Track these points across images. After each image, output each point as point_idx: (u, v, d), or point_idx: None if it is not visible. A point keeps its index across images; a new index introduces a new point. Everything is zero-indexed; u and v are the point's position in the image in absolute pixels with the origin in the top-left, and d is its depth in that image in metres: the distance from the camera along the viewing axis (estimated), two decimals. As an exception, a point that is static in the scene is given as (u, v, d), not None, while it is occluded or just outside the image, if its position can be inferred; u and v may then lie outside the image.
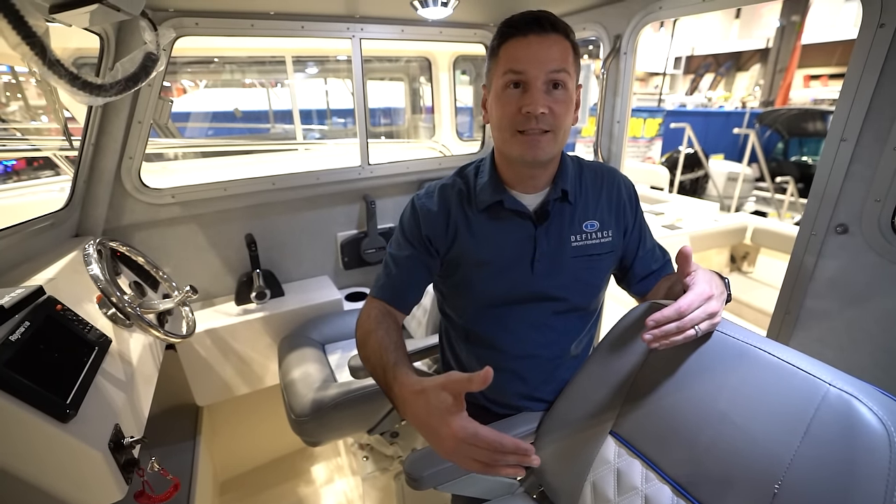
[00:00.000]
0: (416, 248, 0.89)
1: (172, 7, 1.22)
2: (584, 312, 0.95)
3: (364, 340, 0.82)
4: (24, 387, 0.65)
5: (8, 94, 4.35)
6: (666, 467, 0.69)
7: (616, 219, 0.90)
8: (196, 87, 5.70)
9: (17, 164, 3.91)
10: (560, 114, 0.75)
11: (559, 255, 0.87)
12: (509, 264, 0.87)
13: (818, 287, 0.91)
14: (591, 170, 0.92)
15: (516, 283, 0.88)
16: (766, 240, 3.01)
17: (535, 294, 0.89)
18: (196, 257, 1.64)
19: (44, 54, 0.52)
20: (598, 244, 0.89)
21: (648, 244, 0.95)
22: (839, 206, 0.85)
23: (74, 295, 0.94)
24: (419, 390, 0.62)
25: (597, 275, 0.91)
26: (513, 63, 0.74)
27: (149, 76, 0.71)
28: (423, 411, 0.60)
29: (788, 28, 9.83)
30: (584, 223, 0.88)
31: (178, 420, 1.59)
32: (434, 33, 1.67)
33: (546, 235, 0.86)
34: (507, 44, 0.75)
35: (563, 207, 0.87)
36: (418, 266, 0.89)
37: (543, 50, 0.72)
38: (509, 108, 0.75)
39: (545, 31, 0.73)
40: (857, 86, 0.78)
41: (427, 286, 0.93)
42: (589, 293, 0.93)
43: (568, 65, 0.75)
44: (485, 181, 0.87)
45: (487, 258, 0.87)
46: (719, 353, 0.68)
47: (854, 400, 0.52)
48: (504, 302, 0.90)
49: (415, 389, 0.63)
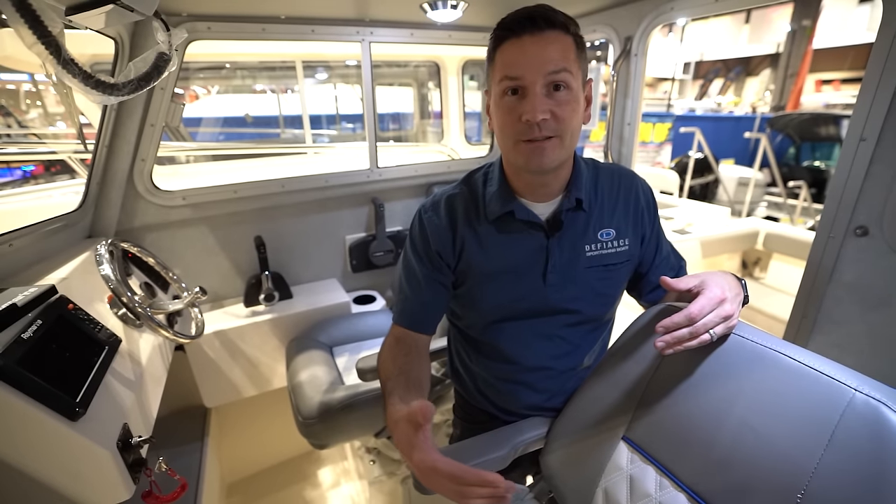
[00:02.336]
0: (428, 267, 0.85)
1: (185, 11, 1.24)
2: (598, 324, 0.91)
3: (386, 362, 0.85)
4: (34, 384, 0.66)
5: (28, 101, 4.46)
6: (681, 474, 0.67)
7: (633, 227, 0.85)
8: (208, 94, 5.80)
9: (36, 169, 4.00)
10: (564, 117, 0.69)
11: (573, 265, 0.83)
12: (520, 276, 0.83)
13: (836, 291, 0.89)
14: (607, 174, 0.86)
15: (528, 295, 0.84)
16: (779, 245, 2.96)
17: (547, 307, 0.85)
18: (206, 259, 1.65)
19: (59, 53, 0.52)
20: (615, 253, 0.84)
21: (664, 252, 0.91)
22: (858, 208, 0.82)
23: (86, 295, 0.95)
24: (395, 421, 0.67)
25: (612, 285, 0.87)
26: (508, 69, 0.69)
27: (161, 76, 0.72)
28: (398, 441, 0.65)
29: (799, 32, 9.73)
30: (600, 232, 0.83)
31: (186, 421, 1.59)
32: (443, 37, 1.68)
33: (559, 246, 0.82)
34: (502, 47, 0.70)
35: (578, 216, 0.82)
36: (434, 284, 0.86)
37: (539, 51, 0.67)
38: (509, 116, 0.71)
39: (540, 30, 0.67)
40: (878, 84, 0.76)
41: (447, 301, 0.90)
42: (604, 304, 0.89)
43: (569, 62, 0.68)
44: (494, 190, 0.82)
45: (497, 270, 0.83)
46: (736, 357, 0.66)
47: (882, 406, 0.50)
48: (515, 315, 0.86)
49: (393, 419, 0.68)
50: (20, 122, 4.14)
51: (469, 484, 0.57)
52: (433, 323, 0.89)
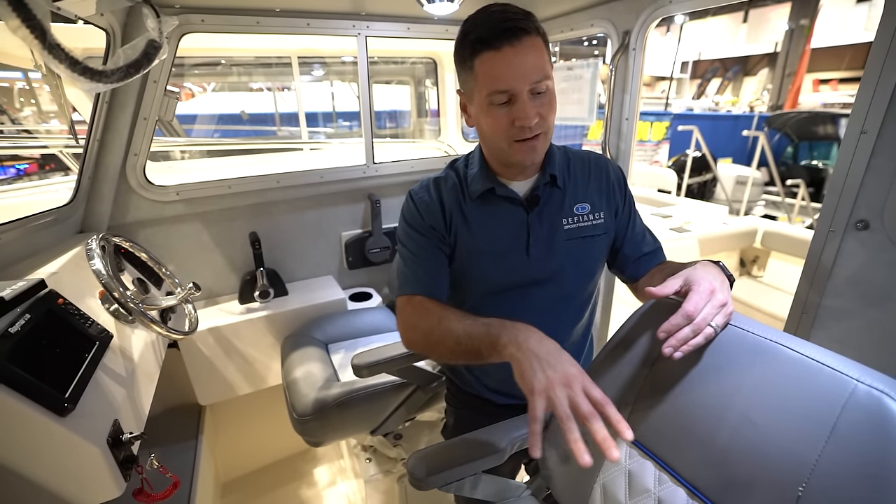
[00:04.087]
0: (427, 237, 0.88)
1: (179, 3, 1.22)
2: (581, 298, 0.95)
3: (434, 326, 0.80)
4: (21, 379, 0.64)
5: (22, 99, 4.43)
6: (680, 469, 0.66)
7: (607, 200, 0.91)
8: (204, 91, 5.77)
9: (30, 167, 3.98)
10: (547, 115, 0.76)
11: (553, 239, 0.88)
12: (505, 251, 0.88)
13: (837, 285, 0.88)
14: (578, 157, 0.93)
15: (513, 268, 0.88)
16: (777, 243, 2.96)
17: (532, 278, 0.89)
18: (200, 255, 1.63)
19: (44, 37, 0.51)
20: (591, 226, 0.89)
21: (638, 227, 0.95)
22: (859, 202, 0.82)
23: (77, 290, 0.93)
24: (526, 330, 0.68)
25: (591, 257, 0.92)
26: (495, 83, 0.72)
27: (151, 63, 0.70)
28: (554, 345, 0.65)
29: (797, 32, 9.77)
30: (576, 206, 0.89)
31: (180, 419, 1.58)
32: (440, 31, 1.67)
33: (539, 220, 0.87)
34: (481, 58, 0.72)
35: (553, 192, 0.88)
36: (437, 252, 0.89)
37: (522, 62, 0.71)
38: (501, 121, 0.75)
39: (518, 38, 0.70)
40: (879, 75, 0.75)
41: (448, 270, 0.91)
42: (585, 276, 0.93)
43: (546, 66, 0.74)
44: (475, 171, 0.88)
45: (483, 246, 0.88)
46: (735, 350, 0.65)
47: (885, 397, 0.49)
48: (503, 288, 0.90)
49: (521, 329, 0.69)
50: (13, 119, 4.11)
51: (607, 413, 0.55)
52: (446, 288, 0.89)
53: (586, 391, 0.58)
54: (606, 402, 0.56)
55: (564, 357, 0.63)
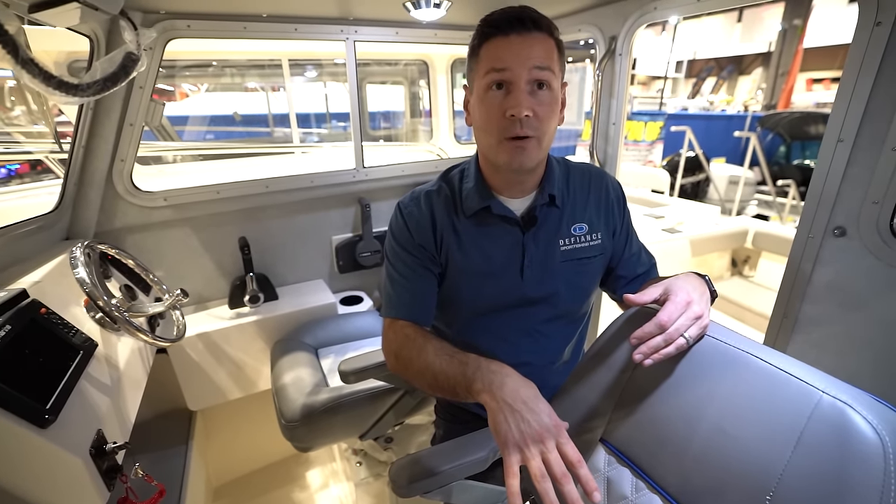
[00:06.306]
0: (416, 256, 0.85)
1: (163, 9, 1.22)
2: (575, 317, 0.93)
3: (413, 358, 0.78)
4: (0, 392, 0.64)
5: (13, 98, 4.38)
6: (657, 476, 0.67)
7: (605, 220, 0.89)
8: (198, 91, 5.74)
9: (21, 167, 3.94)
10: (544, 117, 0.72)
11: (548, 260, 0.85)
12: (498, 271, 0.85)
13: (816, 291, 0.89)
14: (578, 172, 0.90)
15: (506, 290, 0.86)
16: (768, 243, 2.98)
17: (525, 300, 0.86)
18: (189, 261, 1.63)
19: (16, 52, 0.51)
20: (588, 247, 0.87)
21: (634, 247, 0.93)
22: (837, 209, 0.83)
23: (61, 298, 0.93)
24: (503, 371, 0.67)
25: (587, 278, 0.90)
26: (495, 62, 0.70)
27: (129, 76, 0.70)
28: (529, 393, 0.63)
29: (790, 32, 9.80)
30: (573, 226, 0.86)
31: (170, 425, 1.57)
32: (429, 35, 1.67)
33: (534, 241, 0.84)
34: (488, 43, 0.72)
35: (551, 212, 0.85)
36: (425, 273, 0.86)
37: (526, 48, 0.69)
38: (493, 111, 0.72)
39: (528, 30, 0.69)
40: (854, 86, 0.76)
41: (436, 291, 0.89)
42: (579, 297, 0.91)
43: (552, 63, 0.71)
44: (471, 186, 0.85)
45: (476, 267, 0.85)
46: (711, 360, 0.66)
47: (847, 408, 0.50)
48: (494, 309, 0.88)
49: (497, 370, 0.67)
50: (3, 119, 4.07)
51: (578, 474, 0.56)
52: (431, 313, 0.87)
53: (560, 448, 0.57)
54: (580, 463, 0.56)
55: (540, 406, 0.61)
